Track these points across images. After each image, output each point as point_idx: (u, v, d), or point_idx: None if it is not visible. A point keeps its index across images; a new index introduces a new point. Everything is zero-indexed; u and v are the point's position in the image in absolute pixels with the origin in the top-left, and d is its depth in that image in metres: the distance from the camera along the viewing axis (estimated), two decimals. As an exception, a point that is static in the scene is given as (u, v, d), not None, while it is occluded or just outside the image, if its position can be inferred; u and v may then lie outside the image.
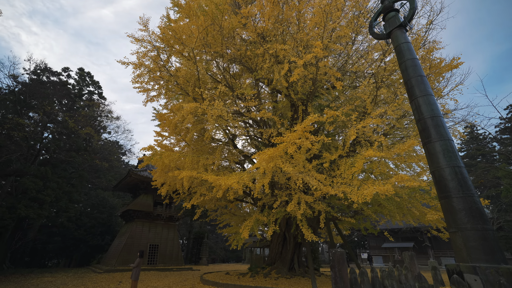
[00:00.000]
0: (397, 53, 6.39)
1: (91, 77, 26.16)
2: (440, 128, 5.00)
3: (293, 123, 11.39)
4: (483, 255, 3.88)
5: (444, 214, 4.58)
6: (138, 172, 18.48)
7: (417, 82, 5.65)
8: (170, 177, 9.98)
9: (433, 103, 5.31)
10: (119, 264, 16.07)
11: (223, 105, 8.88)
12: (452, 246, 4.34)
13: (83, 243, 19.68)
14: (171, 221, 20.30)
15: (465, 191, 4.34)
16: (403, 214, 9.80)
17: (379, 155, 7.71)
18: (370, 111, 9.29)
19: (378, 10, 7.44)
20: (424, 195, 9.29)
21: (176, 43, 11.03)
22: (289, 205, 8.24)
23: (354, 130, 8.17)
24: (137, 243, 17.70)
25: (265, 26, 9.72)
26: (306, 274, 12.93)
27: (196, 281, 12.43)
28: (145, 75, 12.03)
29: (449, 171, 4.59)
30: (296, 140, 7.34)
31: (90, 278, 12.94)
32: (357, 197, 7.37)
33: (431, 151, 4.95)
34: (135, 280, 9.00)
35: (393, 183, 7.50)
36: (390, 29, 6.68)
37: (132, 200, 20.54)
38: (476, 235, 4.03)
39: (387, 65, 10.00)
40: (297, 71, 8.43)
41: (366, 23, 11.05)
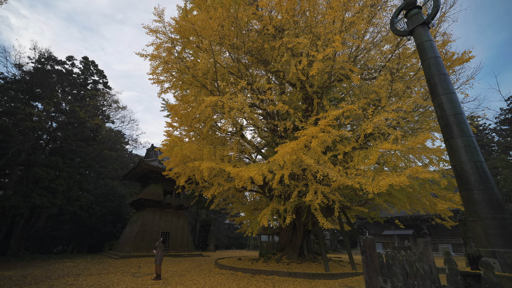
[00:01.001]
0: (419, 51, 6.61)
1: (95, 66, 25.93)
2: (462, 125, 5.33)
3: (307, 115, 11.67)
4: (501, 241, 4.33)
5: (465, 205, 5.00)
6: (149, 162, 18.83)
7: (440, 80, 5.92)
8: (189, 167, 10.32)
9: (455, 100, 5.62)
10: (133, 251, 16.72)
11: (244, 99, 9.11)
12: (472, 234, 4.77)
13: (96, 230, 20.29)
14: (180, 210, 20.89)
15: (486, 184, 4.74)
16: (410, 203, 10.31)
17: (395, 148, 8.08)
18: (384, 104, 9.58)
19: (400, 6, 7.57)
20: (433, 185, 9.77)
21: (192, 34, 11.08)
22: (308, 195, 8.68)
23: (371, 124, 8.47)
24: (149, 231, 18.31)
25: (283, 19, 9.79)
26: (315, 259, 13.64)
27: (211, 266, 13.07)
28: (160, 67, 12.13)
29: (470, 166, 4.97)
30: (318, 133, 7.66)
31: (109, 264, 13.54)
32: (372, 188, 7.79)
33: (453, 147, 5.31)
34: (159, 264, 9.54)
35: (407, 175, 7.91)
36: (413, 26, 6.87)
37: (141, 189, 21.01)
38: (495, 223, 4.47)
39: (401, 59, 10.21)
40: (316, 65, 8.62)
41: (381, 14, 11.15)
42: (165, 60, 11.01)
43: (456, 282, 3.48)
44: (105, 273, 10.48)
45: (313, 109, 11.07)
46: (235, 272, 10.69)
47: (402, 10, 7.63)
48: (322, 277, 9.43)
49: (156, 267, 9.53)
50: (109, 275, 10.11)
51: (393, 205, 10.57)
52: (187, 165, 10.34)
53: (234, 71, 11.63)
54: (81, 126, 21.49)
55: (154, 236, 18.27)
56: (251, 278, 9.37)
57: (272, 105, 10.02)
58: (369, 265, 4.48)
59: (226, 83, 10.78)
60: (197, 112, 10.39)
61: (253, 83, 10.58)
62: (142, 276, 9.88)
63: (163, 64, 11.58)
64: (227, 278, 9.34)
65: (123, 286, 8.00)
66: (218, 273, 10.57)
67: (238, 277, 9.67)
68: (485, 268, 3.29)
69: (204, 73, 10.28)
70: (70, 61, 24.45)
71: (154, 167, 18.76)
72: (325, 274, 9.62)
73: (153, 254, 17.19)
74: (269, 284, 8.40)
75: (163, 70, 12.09)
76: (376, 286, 4.33)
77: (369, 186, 7.91)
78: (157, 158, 20.45)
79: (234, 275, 10.15)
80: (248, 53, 11.17)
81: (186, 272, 11.15)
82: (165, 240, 18.83)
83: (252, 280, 8.97)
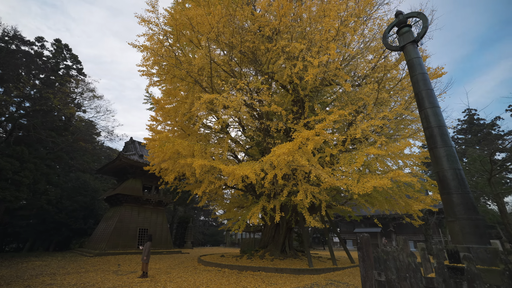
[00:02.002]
0: (409, 66, 7.26)
1: (69, 50, 23.95)
2: (445, 136, 6.03)
3: (296, 117, 12.07)
4: (475, 238, 5.03)
5: (444, 207, 5.68)
6: (129, 156, 17.99)
7: (427, 94, 6.60)
8: (180, 164, 10.16)
9: (439, 114, 6.31)
10: (109, 248, 15.95)
11: (240, 99, 9.20)
12: (450, 232, 5.45)
13: (65, 226, 18.87)
14: (160, 206, 20.29)
15: (463, 189, 5.44)
16: (388, 204, 11.24)
17: (380, 153, 8.76)
18: (369, 111, 10.30)
19: (393, 23, 8.19)
20: (408, 188, 10.75)
21: (187, 28, 10.85)
22: (299, 194, 9.05)
23: (359, 130, 9.08)
24: (126, 227, 17.57)
25: (280, 22, 10.01)
26: (296, 256, 14.21)
27: (194, 263, 13.01)
28: (151, 59, 11.71)
29: (451, 173, 5.66)
30: (314, 137, 8.04)
31: (85, 262, 12.82)
32: (358, 189, 8.40)
33: (436, 155, 5.99)
34: (146, 262, 9.32)
35: (390, 178, 8.64)
36: (404, 43, 7.51)
37: (118, 184, 20.01)
38: (470, 223, 5.18)
39: (385, 70, 11.00)
40: (312, 71, 9.00)
41: (365, 26, 11.85)
42: (157, 52, 10.65)
43: (443, 274, 4.02)
44: (83, 272, 9.96)
45: (304, 111, 11.51)
46: (222, 269, 10.80)
47: (394, 27, 8.29)
48: (307, 272, 9.93)
49: (142, 265, 9.30)
50: (89, 273, 9.63)
51: (372, 205, 11.44)
52: (178, 162, 10.16)
53: (227, 69, 11.62)
54: (50, 114, 19.79)
55: (131, 233, 17.58)
56: (239, 275, 9.56)
57: (266, 106, 10.24)
58: (365, 260, 4.93)
59: (224, 81, 10.74)
60: (192, 108, 10.23)
61: (248, 83, 10.68)
62: (126, 274, 9.57)
63: (154, 56, 11.19)
64: (216, 275, 9.43)
65: (109, 284, 7.72)
66: (204, 270, 10.59)
67: (226, 273, 9.80)
68: (468, 262, 3.85)
69: (199, 68, 10.14)
70: (40, 42, 22.30)
71: (134, 161, 17.98)
72: (309, 269, 10.14)
73: (131, 252, 16.59)
74: (258, 280, 8.66)
75: (153, 62, 11.69)
76: (371, 279, 4.78)
77: (355, 187, 8.50)
78: (137, 152, 19.63)
79: (221, 271, 10.26)
80: (243, 53, 11.23)
81: (171, 269, 11.00)
82: (143, 236, 18.21)
83: (240, 276, 9.17)
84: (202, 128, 16.47)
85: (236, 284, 7.98)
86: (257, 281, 8.39)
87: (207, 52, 10.27)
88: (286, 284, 8.01)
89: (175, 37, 10.92)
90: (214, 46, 12.06)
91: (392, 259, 4.66)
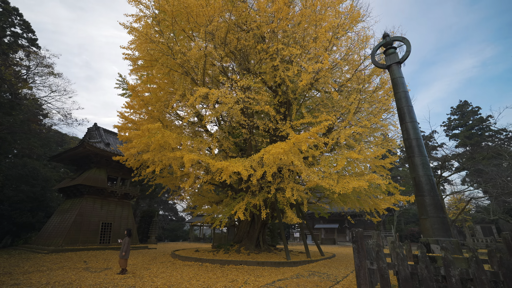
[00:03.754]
0: (393, 84, 8.30)
1: (20, 16, 20.52)
2: (421, 147, 7.13)
3: (283, 118, 12.59)
4: (442, 233, 6.16)
5: (418, 207, 6.77)
6: (94, 144, 16.35)
7: (408, 110, 7.68)
8: (167, 157, 9.81)
9: (417, 128, 7.43)
10: (66, 244, 14.41)
11: (237, 96, 9.30)
12: (422, 227, 6.53)
13: (8, 220, 16.29)
14: (125, 199, 18.94)
15: (434, 192, 6.57)
16: (359, 202, 12.58)
17: (359, 157, 9.81)
18: (350, 119, 11.36)
19: (380, 43, 9.22)
20: (376, 189, 12.20)
21: (183, 17, 10.44)
22: (286, 192, 9.58)
23: (343, 135, 10.00)
24: (87, 221, 16.03)
25: (279, 25, 10.36)
26: (270, 250, 14.89)
27: (168, 258, 12.68)
28: (137, 42, 10.98)
29: (425, 178, 6.75)
30: (305, 139, 8.62)
31: (41, 259, 11.44)
32: (339, 189, 9.31)
33: (414, 163, 7.06)
34: (125, 258, 8.85)
35: (366, 180, 9.75)
36: (390, 63, 8.54)
37: (78, 173, 18.02)
38: (438, 220, 6.30)
39: (366, 81, 12.19)
40: (306, 76, 9.60)
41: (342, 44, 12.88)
42: (149, 37, 10.02)
43: (426, 261, 4.92)
44: (46, 270, 8.98)
45: (291, 113, 12.10)
46: (203, 263, 10.81)
47: (381, 46, 9.32)
48: (286, 264, 10.59)
49: (120, 261, 8.79)
50: (56, 271, 8.74)
51: (345, 204, 12.67)
52: (165, 154, 9.79)
53: (221, 65, 11.53)
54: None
55: (93, 228, 16.12)
56: (223, 268, 9.74)
57: (259, 105, 10.51)
58: (359, 251, 5.65)
59: (215, 77, 10.62)
60: (182, 99, 9.95)
61: (239, 81, 10.80)
62: (101, 271, 8.95)
63: (143, 39, 10.50)
64: (199, 269, 9.45)
65: (89, 282, 7.19)
66: (184, 265, 10.48)
67: (209, 268, 9.87)
68: (445, 251, 4.79)
69: (195, 61, 9.89)
70: (-19, 0, 18.68)
71: (101, 150, 16.45)
72: (288, 262, 10.82)
73: (92, 247, 15.27)
74: (244, 272, 8.98)
75: (139, 46, 10.96)
76: (365, 268, 5.51)
77: (335, 187, 9.39)
78: (103, 140, 17.99)
79: (203, 266, 10.29)
80: (238, 50, 11.27)
81: (147, 265, 10.60)
82: (106, 231, 16.87)
83: (225, 270, 9.36)
84: (177, 121, 16.01)
85: (224, 277, 8.17)
86: (243, 274, 8.69)
87: (203, 45, 10.07)
88: (271, 276, 8.48)
89: (168, 23, 10.40)
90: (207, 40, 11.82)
91: (382, 251, 5.45)
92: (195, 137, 13.23)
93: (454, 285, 4.52)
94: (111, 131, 20.37)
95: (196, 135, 15.27)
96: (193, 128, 15.58)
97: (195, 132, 15.55)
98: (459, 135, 42.63)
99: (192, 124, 15.52)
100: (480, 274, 4.39)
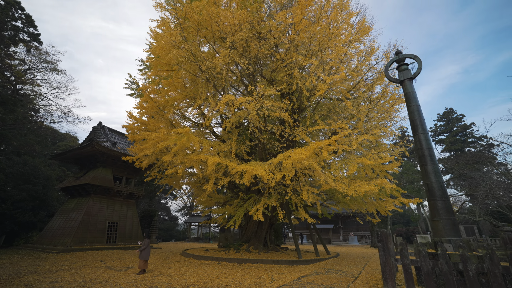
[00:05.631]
0: (406, 98, 9.12)
1: (22, 10, 20.02)
2: (433, 157, 7.96)
3: (296, 125, 13.21)
4: (453, 233, 6.98)
5: (431, 210, 7.59)
6: (102, 143, 16.32)
7: (421, 123, 8.51)
8: (190, 159, 10.19)
9: (429, 139, 8.26)
10: (75, 243, 14.37)
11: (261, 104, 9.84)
12: (434, 228, 7.33)
13: (10, 219, 15.94)
14: (130, 199, 18.96)
15: (445, 197, 7.40)
16: (365, 205, 13.39)
17: (370, 163, 10.59)
18: (360, 127, 12.15)
19: (393, 59, 10.04)
20: (380, 192, 13.07)
21: (207, 25, 10.83)
22: (303, 194, 10.21)
23: (355, 142, 10.74)
24: (94, 221, 16.00)
25: (298, 37, 10.98)
26: (277, 249, 15.50)
27: (182, 258, 13.01)
28: (156, 47, 11.28)
29: (437, 185, 7.57)
30: (325, 145, 9.28)
31: (56, 259, 11.48)
32: (351, 192, 10.03)
33: (426, 171, 7.87)
34: (145, 260, 9.09)
35: (376, 185, 10.54)
36: (403, 78, 9.36)
37: (83, 173, 17.85)
38: (449, 222, 7.12)
39: (369, 88, 12.98)
40: (323, 86, 10.25)
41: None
42: (176, 43, 10.33)
43: (446, 258, 5.67)
44: (69, 269, 9.15)
45: (304, 119, 12.75)
46: (220, 262, 11.26)
47: (393, 62, 10.13)
48: (299, 263, 11.24)
49: (140, 262, 9.00)
50: (82, 269, 8.94)
51: (353, 206, 13.47)
52: (188, 157, 10.17)
53: (244, 73, 11.98)
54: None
55: (100, 227, 16.11)
56: (242, 266, 10.24)
57: (276, 112, 11.08)
58: (385, 249, 6.35)
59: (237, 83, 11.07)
60: (204, 105, 10.34)
61: (259, 89, 11.31)
62: (125, 270, 9.23)
63: (167, 44, 10.80)
64: (220, 268, 9.90)
65: (124, 279, 7.51)
66: (203, 264, 10.88)
67: (228, 266, 10.34)
68: (462, 249, 5.56)
69: (220, 67, 10.31)
70: (-18, -7, 18.12)
71: (109, 149, 16.45)
72: (300, 260, 11.47)
73: (100, 247, 15.29)
74: (264, 270, 9.52)
75: (161, 50, 11.26)
76: (390, 264, 6.22)
77: (347, 190, 10.10)
78: (109, 139, 17.96)
79: (222, 264, 10.74)
80: (257, 58, 11.78)
81: (166, 264, 10.91)
82: (112, 231, 16.88)
83: (245, 268, 9.87)
84: (186, 122, 16.36)
85: (248, 274, 8.68)
86: (265, 272, 9.24)
87: (227, 52, 10.51)
88: (291, 273, 9.08)
89: (193, 29, 10.75)
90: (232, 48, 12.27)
91: (405, 249, 6.17)
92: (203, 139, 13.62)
93: (471, 278, 5.28)
94: (116, 130, 20.29)
95: (200, 136, 15.66)
96: (199, 130, 15.94)
97: (200, 134, 15.92)
98: (444, 140, 45.00)
99: (197, 126, 15.93)
100: (494, 268, 5.18)
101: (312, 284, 7.07)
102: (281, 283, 7.38)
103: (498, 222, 22.22)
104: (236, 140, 12.39)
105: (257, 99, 9.65)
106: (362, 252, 19.04)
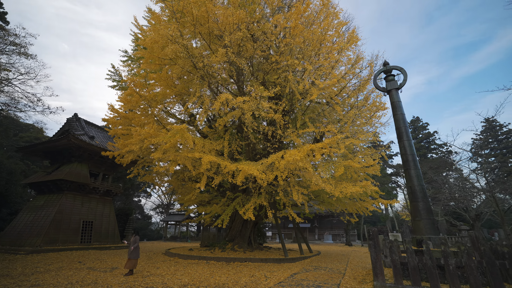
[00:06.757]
0: (393, 107, 9.85)
1: (-14, -16, 17.86)
2: (416, 162, 8.72)
3: (287, 127, 13.51)
4: (432, 232, 7.73)
5: (412, 210, 8.30)
6: (79, 137, 15.19)
7: (405, 130, 9.25)
8: (182, 156, 9.97)
9: (412, 146, 9.02)
10: (45, 244, 13.23)
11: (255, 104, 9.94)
12: (415, 228, 8.03)
13: (-35, 217, 14.16)
14: (107, 196, 17.89)
15: (425, 199, 8.14)
16: (347, 205, 14.12)
17: (357, 166, 11.22)
18: (346, 130, 12.80)
19: (381, 70, 10.77)
20: (363, 194, 13.89)
21: (204, 21, 10.68)
22: (294, 194, 10.53)
23: (343, 146, 11.31)
24: (68, 219, 14.85)
25: (293, 41, 11.27)
26: (262, 248, 15.73)
27: (167, 257, 12.67)
28: (149, 39, 10.87)
29: (419, 188, 8.32)
30: (318, 148, 9.67)
31: (26, 261, 10.51)
32: (337, 193, 10.58)
33: (410, 175, 8.60)
34: (135, 259, 8.79)
35: (360, 186, 11.20)
36: (390, 88, 10.09)
37: (54, 167, 16.43)
38: (429, 222, 7.87)
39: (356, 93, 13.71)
40: (315, 91, 10.66)
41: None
42: (171, 35, 10.02)
43: (430, 254, 6.28)
44: (45, 271, 8.49)
45: (295, 122, 13.10)
46: (209, 261, 11.18)
47: (381, 73, 10.86)
48: (286, 261, 11.56)
49: (130, 262, 8.65)
50: (62, 271, 8.35)
51: (338, 206, 14.14)
52: (181, 154, 9.95)
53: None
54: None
55: (73, 226, 15.00)
56: (232, 265, 10.29)
57: (269, 113, 11.27)
58: (375, 247, 6.84)
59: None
60: (198, 101, 10.19)
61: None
62: (111, 270, 8.80)
63: (162, 37, 10.44)
64: (209, 267, 9.85)
65: (114, 281, 7.18)
66: (191, 263, 10.73)
67: (217, 265, 10.32)
68: (444, 246, 6.22)
69: (218, 66, 10.22)
70: None
71: (87, 143, 15.37)
72: (287, 258, 11.80)
73: (73, 247, 14.27)
74: (254, 268, 9.67)
75: (155, 44, 10.87)
76: (380, 260, 6.71)
77: (334, 191, 10.64)
78: (86, 133, 16.79)
79: (210, 263, 10.68)
80: (250, 59, 11.86)
81: (151, 264, 10.57)
82: (87, 230, 15.81)
83: (235, 267, 9.93)
84: (171, 119, 16.00)
85: (240, 273, 8.77)
86: (256, 270, 9.38)
87: (226, 52, 10.45)
88: (280, 271, 9.33)
89: (190, 25, 10.52)
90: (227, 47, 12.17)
91: (395, 246, 6.71)
92: (196, 137, 13.41)
93: (451, 271, 5.92)
94: (93, 123, 18.99)
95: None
96: (187, 127, 15.66)
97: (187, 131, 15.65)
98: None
99: (182, 123, 15.62)
100: (470, 263, 5.87)
101: (307, 281, 7.37)
102: (276, 280, 7.57)
103: (456, 222, 24.72)
104: (228, 139, 12.37)
105: (253, 100, 9.74)
106: (339, 250, 20.02)
